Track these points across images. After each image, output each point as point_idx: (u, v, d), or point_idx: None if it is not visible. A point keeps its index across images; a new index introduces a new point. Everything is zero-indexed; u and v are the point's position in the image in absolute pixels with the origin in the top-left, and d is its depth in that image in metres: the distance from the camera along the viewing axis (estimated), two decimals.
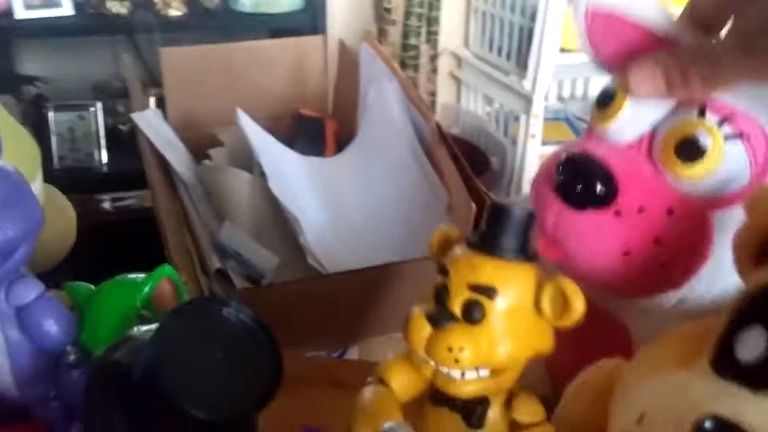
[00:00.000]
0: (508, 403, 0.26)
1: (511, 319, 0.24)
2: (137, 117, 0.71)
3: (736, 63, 0.26)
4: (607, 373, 0.26)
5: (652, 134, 0.30)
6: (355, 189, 0.76)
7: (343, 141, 0.86)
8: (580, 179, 0.29)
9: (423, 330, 0.24)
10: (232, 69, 0.87)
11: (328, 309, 0.57)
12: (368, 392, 0.26)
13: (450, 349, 0.23)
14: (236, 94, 0.85)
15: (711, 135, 0.27)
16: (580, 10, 0.31)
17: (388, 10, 1.12)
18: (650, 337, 0.25)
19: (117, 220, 1.13)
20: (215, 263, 0.64)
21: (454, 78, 1.38)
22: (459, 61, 1.35)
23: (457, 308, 0.24)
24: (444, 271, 0.25)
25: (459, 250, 0.25)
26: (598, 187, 0.29)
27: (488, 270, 0.24)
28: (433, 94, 1.29)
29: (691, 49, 0.28)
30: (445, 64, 1.33)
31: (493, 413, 0.25)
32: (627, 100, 0.30)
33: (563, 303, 0.24)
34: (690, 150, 0.28)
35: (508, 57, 1.21)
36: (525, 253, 0.25)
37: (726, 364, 0.20)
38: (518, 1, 1.14)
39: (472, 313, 0.23)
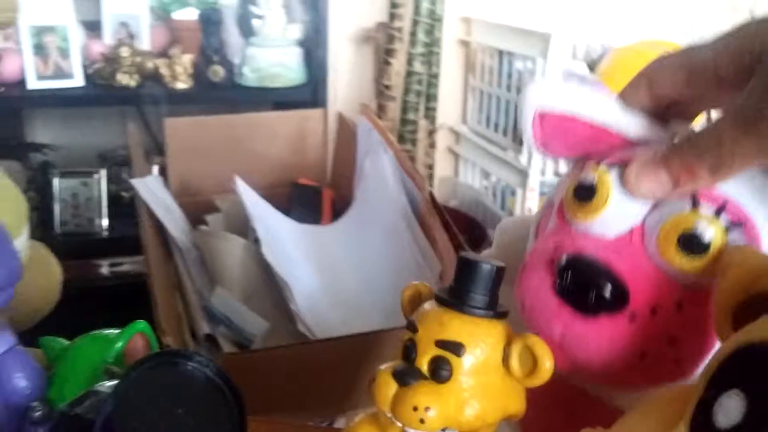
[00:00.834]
0: None
1: (480, 378, 0.23)
2: (137, 182, 0.72)
3: (740, 147, 0.25)
4: None
5: (642, 228, 0.28)
6: (348, 256, 0.76)
7: (339, 209, 0.87)
8: (591, 285, 0.27)
9: (389, 388, 0.23)
10: (233, 139, 0.89)
11: (317, 376, 0.57)
12: None
13: (415, 408, 0.22)
14: (236, 163, 0.87)
15: (712, 226, 0.26)
16: (528, 112, 0.31)
17: (387, 87, 1.16)
18: None
19: (114, 284, 1.13)
20: (204, 328, 0.64)
21: (452, 152, 1.41)
22: (457, 136, 1.38)
23: (424, 365, 0.23)
24: (413, 328, 0.24)
25: (428, 306, 0.25)
26: (610, 293, 0.27)
27: (456, 326, 0.23)
28: (430, 167, 1.31)
29: (689, 138, 0.27)
30: (443, 139, 1.37)
31: None
32: (612, 195, 0.29)
33: (532, 361, 0.23)
34: (694, 244, 0.26)
35: (505, 133, 1.24)
36: (493, 309, 0.24)
37: (704, 430, 0.20)
38: (513, 80, 1.18)
39: (440, 371, 0.23)
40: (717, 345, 0.27)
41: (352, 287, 0.73)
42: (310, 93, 1.13)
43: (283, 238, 0.74)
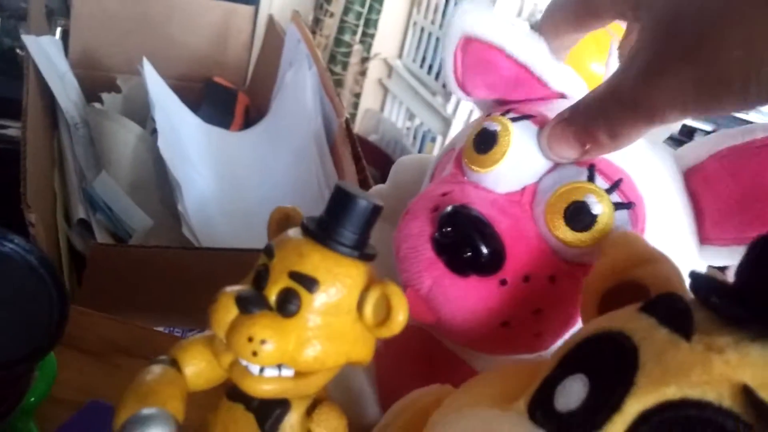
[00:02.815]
0: (310, 411, 0.22)
1: (329, 319, 0.21)
2: (29, 39, 0.65)
3: (642, 104, 0.24)
4: (433, 399, 0.25)
5: (535, 188, 0.27)
6: (250, 168, 0.73)
7: (252, 118, 0.83)
8: (468, 244, 0.26)
9: (228, 312, 0.20)
10: (149, 18, 0.82)
11: (192, 284, 0.54)
12: (150, 370, 0.22)
13: (251, 339, 0.20)
14: (148, 45, 0.80)
15: (602, 202, 0.25)
16: (455, 35, 0.29)
17: (327, 1, 1.10)
18: None
19: None
20: (80, 212, 0.59)
21: (382, 86, 1.37)
22: (390, 69, 1.35)
23: (272, 295, 0.21)
24: (269, 253, 0.22)
25: (291, 233, 0.22)
26: (487, 255, 0.26)
27: (315, 260, 0.21)
28: (357, 96, 1.28)
29: (589, 98, 0.26)
30: (375, 71, 1.33)
31: (291, 420, 0.22)
32: (511, 149, 0.27)
33: (387, 311, 0.21)
34: (581, 217, 0.26)
35: (437, 77, 1.22)
36: (360, 250, 0.22)
37: (541, 410, 0.19)
38: None
39: (287, 304, 0.20)
40: (579, 324, 0.27)
41: (249, 200, 0.70)
42: None
43: (184, 135, 0.69)
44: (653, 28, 0.23)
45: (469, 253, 0.26)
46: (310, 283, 0.21)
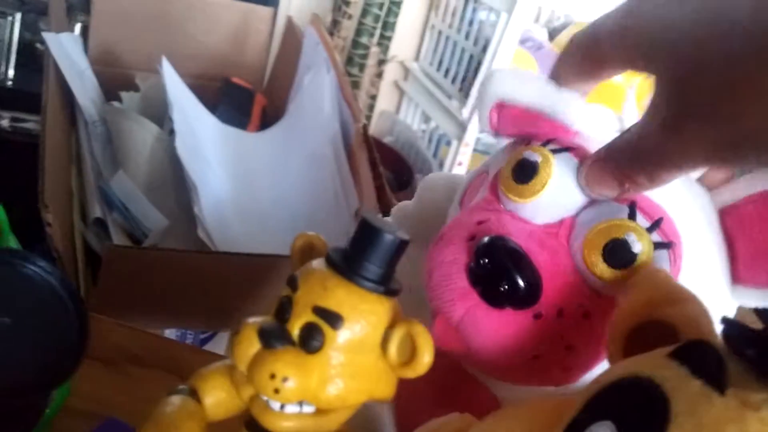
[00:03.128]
0: None
1: (352, 356, 0.21)
2: (49, 36, 0.65)
3: (667, 153, 0.24)
4: (452, 429, 0.24)
5: (573, 222, 0.27)
6: (267, 170, 0.73)
7: (269, 119, 0.83)
8: (505, 277, 0.25)
9: (251, 346, 0.20)
10: (169, 17, 0.82)
11: (206, 287, 0.54)
12: (170, 402, 0.22)
13: (273, 376, 0.19)
14: (167, 44, 0.80)
15: (642, 241, 0.25)
16: (490, 100, 0.29)
17: (346, 3, 1.10)
18: None
19: (14, 140, 1.04)
20: (96, 211, 0.59)
21: (398, 88, 1.37)
22: (406, 72, 1.34)
23: (295, 330, 0.20)
24: (293, 285, 0.21)
25: (316, 264, 0.22)
26: (524, 289, 0.25)
27: (340, 295, 0.20)
28: (373, 98, 1.27)
29: (621, 141, 0.26)
30: (391, 72, 1.32)
31: None
32: (550, 180, 0.27)
33: (412, 350, 0.21)
34: (620, 255, 0.25)
35: (454, 81, 1.21)
36: (386, 286, 0.21)
37: None
38: (474, 30, 1.15)
39: (311, 340, 0.20)
40: (605, 359, 0.26)
41: (265, 203, 0.70)
42: None
43: (202, 136, 0.69)
44: (668, 83, 0.23)
45: (506, 286, 0.25)
46: (334, 320, 0.20)
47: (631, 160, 0.25)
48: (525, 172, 0.28)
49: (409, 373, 0.21)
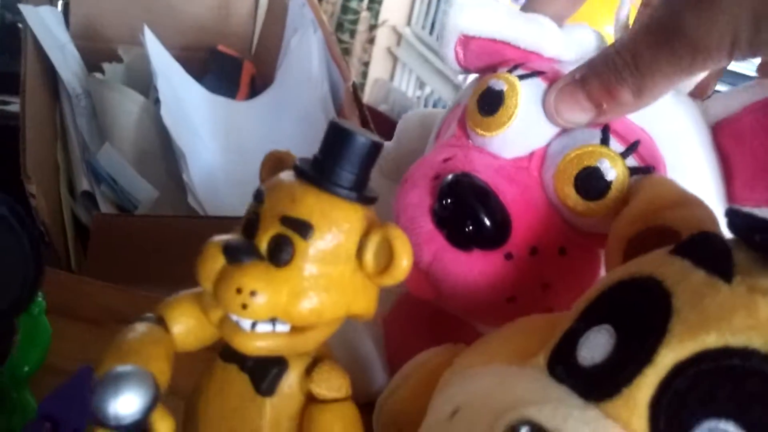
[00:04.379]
0: (310, 371, 0.21)
1: (326, 267, 0.19)
2: (27, 9, 0.63)
3: (658, 63, 0.22)
4: (444, 359, 0.23)
5: (544, 153, 0.25)
6: (257, 137, 0.71)
7: (258, 87, 0.81)
8: (470, 217, 0.24)
9: (215, 262, 0.19)
10: None
11: (197, 252, 0.53)
12: (134, 329, 0.20)
13: (239, 291, 0.18)
14: (150, 14, 0.78)
15: (616, 167, 0.23)
16: (451, 34, 0.27)
17: None
18: None
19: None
20: (84, 184, 0.58)
21: (391, 54, 1.34)
22: (399, 37, 1.32)
23: (263, 243, 0.19)
24: (259, 198, 0.20)
25: (284, 176, 0.20)
26: (490, 229, 0.24)
27: (309, 203, 0.19)
28: (366, 64, 1.25)
29: (605, 55, 0.23)
30: (383, 39, 1.30)
31: (289, 380, 0.21)
32: (517, 110, 0.25)
33: (389, 257, 0.19)
34: (593, 184, 0.24)
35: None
36: (359, 192, 0.20)
37: (562, 365, 0.17)
38: None
39: (279, 252, 0.19)
40: None
41: (256, 169, 0.69)
42: None
43: (188, 105, 0.67)
44: None
45: (471, 227, 0.24)
46: (304, 229, 0.19)
47: (620, 70, 0.23)
48: (490, 103, 0.26)
49: (388, 279, 0.19)
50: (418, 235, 0.25)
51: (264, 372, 0.21)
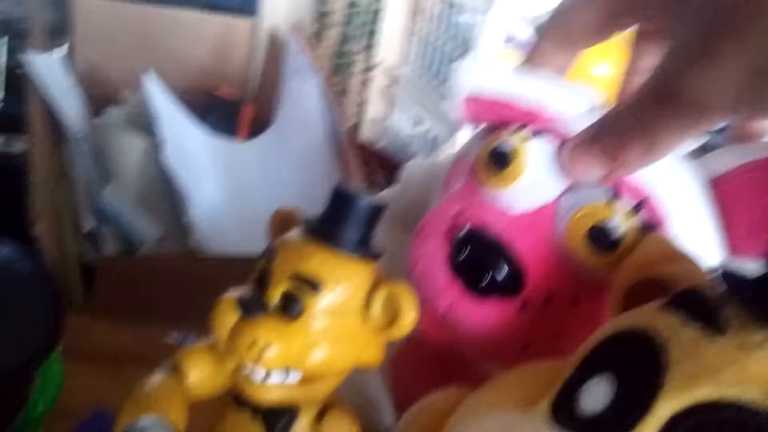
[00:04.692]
0: (320, 418, 0.22)
1: (335, 320, 0.20)
2: (31, 57, 0.65)
3: (664, 123, 0.22)
4: (450, 403, 0.24)
5: (555, 207, 0.26)
6: (258, 177, 0.73)
7: (258, 128, 0.83)
8: (488, 266, 0.25)
9: (230, 316, 0.20)
10: (151, 34, 0.82)
11: (203, 292, 0.53)
12: (152, 379, 0.21)
13: (253, 343, 0.19)
14: (151, 60, 0.80)
15: (627, 223, 0.24)
16: (459, 94, 0.28)
17: (328, 13, 1.10)
18: None
19: (5, 165, 1.04)
20: (88, 225, 0.59)
21: (387, 94, 1.37)
22: (394, 78, 1.34)
23: (275, 298, 0.20)
24: (270, 255, 0.21)
25: (293, 234, 0.22)
26: (505, 279, 0.25)
27: (318, 260, 0.20)
28: (362, 105, 1.27)
29: (614, 113, 0.24)
30: (379, 79, 1.32)
31: (300, 427, 0.22)
32: (528, 166, 0.26)
33: (395, 311, 0.20)
34: (604, 240, 0.24)
35: (443, 82, 1.22)
36: (364, 249, 0.21)
37: (566, 412, 0.18)
38: (460, 32, 1.15)
39: (290, 306, 0.20)
40: None
41: (259, 209, 0.69)
42: (243, 1, 1.06)
43: (190, 146, 0.69)
44: (696, 15, 0.21)
45: (487, 277, 0.25)
46: (313, 284, 0.20)
47: (631, 127, 0.23)
48: (500, 160, 0.27)
49: (395, 333, 0.20)
50: (436, 284, 0.26)
51: (276, 419, 0.22)
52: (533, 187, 0.27)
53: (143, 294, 0.52)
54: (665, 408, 0.16)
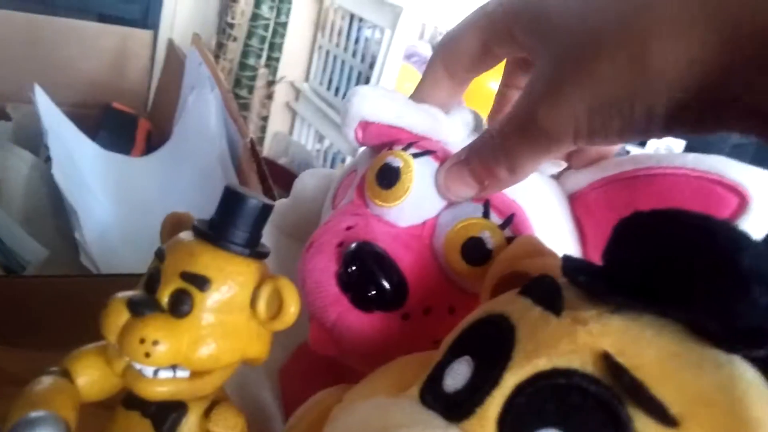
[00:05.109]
0: (208, 414, 0.23)
1: (222, 317, 0.21)
2: None
3: (520, 151, 0.25)
4: (335, 398, 0.25)
5: (435, 222, 0.28)
6: (154, 193, 0.71)
7: (154, 143, 0.81)
8: (372, 282, 0.26)
9: (119, 316, 0.20)
10: (41, 43, 0.79)
11: (93, 312, 0.52)
12: (40, 381, 0.21)
13: (142, 341, 0.20)
14: (41, 71, 0.77)
15: (495, 238, 0.27)
16: (353, 119, 0.30)
17: (230, 26, 1.10)
18: None
19: None
20: None
21: (290, 109, 1.38)
22: (297, 93, 1.35)
23: (165, 297, 0.21)
24: (161, 256, 0.22)
25: (183, 235, 0.23)
26: (390, 293, 0.26)
27: (206, 259, 0.21)
28: (265, 119, 1.27)
29: (483, 139, 0.27)
30: (282, 94, 1.33)
31: (189, 423, 0.22)
32: (412, 185, 0.28)
33: (279, 305, 0.22)
34: (476, 252, 0.27)
35: (344, 99, 1.24)
36: (252, 248, 0.22)
37: (431, 393, 0.20)
38: (360, 48, 1.18)
39: (179, 305, 0.21)
40: None
41: (153, 226, 0.68)
42: (142, 12, 1.04)
43: (81, 162, 0.67)
44: (549, 55, 0.24)
45: (373, 291, 0.27)
46: (201, 282, 0.21)
47: (496, 151, 0.26)
48: (388, 178, 0.29)
49: (279, 325, 0.22)
50: (325, 298, 0.27)
51: (165, 416, 0.22)
52: (417, 203, 0.29)
53: (28, 316, 0.49)
54: (511, 379, 0.18)
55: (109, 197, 0.68)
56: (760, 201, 0.25)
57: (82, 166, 0.67)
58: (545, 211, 0.29)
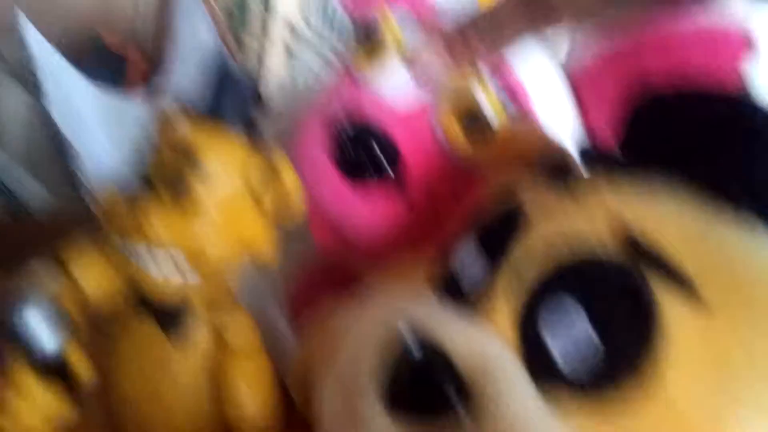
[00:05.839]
0: (222, 324, 0.23)
1: (220, 194, 0.22)
2: None
3: (517, 27, 0.26)
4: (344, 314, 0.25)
5: (431, 101, 0.28)
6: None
7: (148, 77, 0.78)
8: (373, 165, 0.26)
9: (118, 202, 0.22)
10: None
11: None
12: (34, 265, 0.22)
13: (142, 222, 0.21)
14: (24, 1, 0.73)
15: (495, 107, 0.27)
16: None
17: None
18: None
19: None
20: None
21: (288, 48, 1.33)
22: (293, 29, 1.31)
23: (158, 172, 0.22)
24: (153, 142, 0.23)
25: (177, 118, 0.24)
26: (390, 173, 0.26)
27: (198, 134, 0.22)
28: (260, 55, 1.23)
29: (472, 22, 0.28)
30: (278, 30, 1.28)
31: (203, 332, 0.23)
32: (395, 38, 0.28)
33: (275, 182, 0.22)
34: (477, 123, 0.27)
35: (346, 39, 1.20)
36: (246, 127, 0.23)
37: (445, 285, 0.21)
38: None
39: (176, 186, 0.22)
40: None
41: None
42: None
43: (78, 100, 0.64)
44: None
45: (370, 168, 0.27)
46: (194, 159, 0.21)
47: (477, 36, 0.27)
48: (367, 33, 0.29)
49: (277, 197, 0.22)
50: (320, 178, 0.27)
51: (174, 320, 0.22)
52: (407, 75, 0.28)
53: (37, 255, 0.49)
54: (521, 252, 0.18)
55: (109, 137, 0.66)
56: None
57: (79, 103, 0.65)
58: (544, 84, 0.29)
